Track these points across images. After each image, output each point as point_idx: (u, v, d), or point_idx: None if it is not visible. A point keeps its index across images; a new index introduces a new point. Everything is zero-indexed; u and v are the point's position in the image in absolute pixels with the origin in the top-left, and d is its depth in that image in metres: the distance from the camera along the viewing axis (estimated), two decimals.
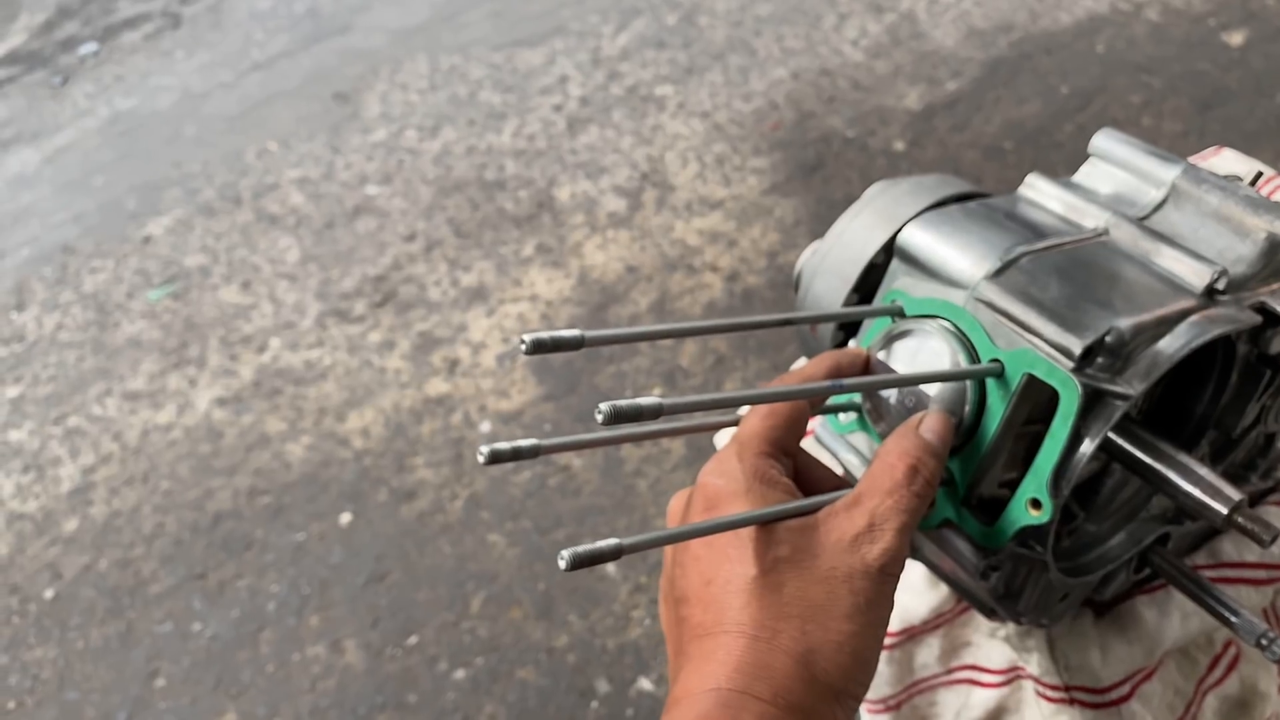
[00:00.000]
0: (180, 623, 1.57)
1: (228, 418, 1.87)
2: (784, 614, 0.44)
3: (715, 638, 0.44)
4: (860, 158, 2.22)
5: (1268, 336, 0.60)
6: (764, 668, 0.42)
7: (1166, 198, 0.63)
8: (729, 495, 0.47)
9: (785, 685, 0.42)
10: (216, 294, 2.14)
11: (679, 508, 0.52)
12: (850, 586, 0.44)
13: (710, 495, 0.48)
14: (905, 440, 0.49)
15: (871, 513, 0.46)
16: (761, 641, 0.43)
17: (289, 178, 2.42)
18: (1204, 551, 0.72)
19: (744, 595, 0.44)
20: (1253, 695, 0.79)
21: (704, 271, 2.02)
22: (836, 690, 0.43)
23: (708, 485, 0.48)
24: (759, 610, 0.44)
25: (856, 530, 0.45)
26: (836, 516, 0.46)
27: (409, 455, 1.75)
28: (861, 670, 0.45)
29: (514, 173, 2.33)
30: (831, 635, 0.43)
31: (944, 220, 0.61)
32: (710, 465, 0.49)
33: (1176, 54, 2.35)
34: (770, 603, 0.44)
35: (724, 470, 0.48)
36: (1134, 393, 0.51)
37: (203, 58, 2.92)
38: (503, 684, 1.43)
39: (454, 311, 2.00)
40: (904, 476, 0.47)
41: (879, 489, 0.47)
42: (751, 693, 0.41)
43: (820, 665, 0.43)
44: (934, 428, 0.50)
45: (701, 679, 0.43)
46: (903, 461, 0.48)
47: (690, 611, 0.46)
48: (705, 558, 0.46)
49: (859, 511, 0.46)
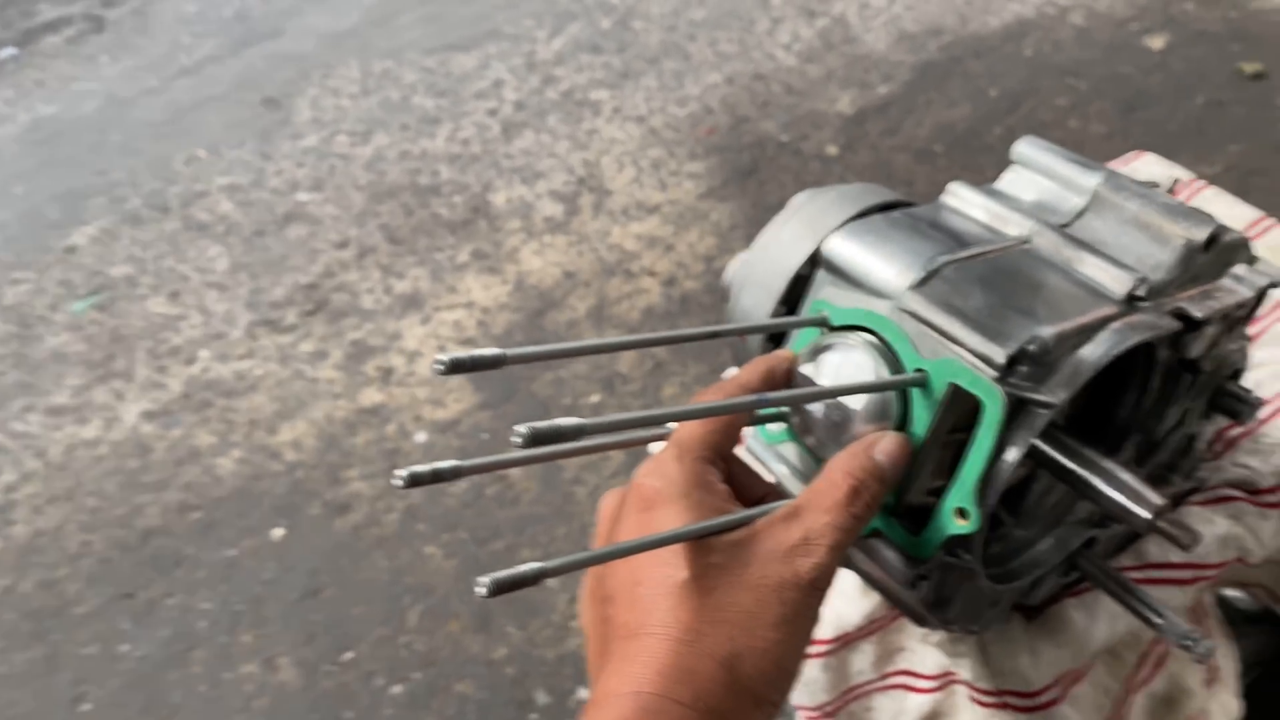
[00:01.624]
0: (107, 644, 1.52)
1: (156, 432, 1.83)
2: (712, 618, 0.43)
3: (640, 639, 0.44)
4: (794, 162, 2.23)
5: (1187, 341, 0.61)
6: (687, 671, 0.42)
7: (1088, 205, 0.63)
8: (666, 498, 0.47)
9: (707, 689, 0.42)
10: (144, 305, 2.09)
11: (612, 507, 0.51)
12: (780, 596, 0.44)
13: (646, 496, 0.47)
14: (854, 459, 0.49)
15: (808, 528, 0.46)
16: (686, 645, 0.43)
17: (218, 185, 2.37)
18: (1130, 553, 0.73)
19: (673, 598, 0.44)
20: (1179, 692, 0.80)
21: (642, 276, 2.02)
22: (758, 696, 0.43)
23: (644, 487, 0.48)
24: (687, 613, 0.43)
25: (791, 542, 0.45)
26: (773, 526, 0.46)
27: (343, 467, 1.72)
28: (784, 679, 0.45)
29: (448, 178, 2.30)
30: (757, 642, 0.43)
31: (868, 230, 0.61)
32: (647, 466, 0.49)
33: (1101, 57, 2.40)
34: (699, 606, 0.44)
35: (662, 473, 0.48)
36: (1057, 401, 0.51)
37: (127, 63, 2.85)
38: (441, 698, 1.41)
39: (388, 319, 1.97)
40: (845, 496, 0.47)
41: (819, 505, 0.47)
42: (672, 696, 0.41)
43: (744, 671, 0.43)
44: (889, 450, 0.50)
45: (623, 681, 0.42)
46: (847, 481, 0.48)
47: (617, 611, 0.46)
48: (637, 559, 0.46)
49: (796, 525, 0.46)
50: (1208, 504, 0.74)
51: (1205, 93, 2.27)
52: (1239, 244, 0.64)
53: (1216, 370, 0.66)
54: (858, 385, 0.52)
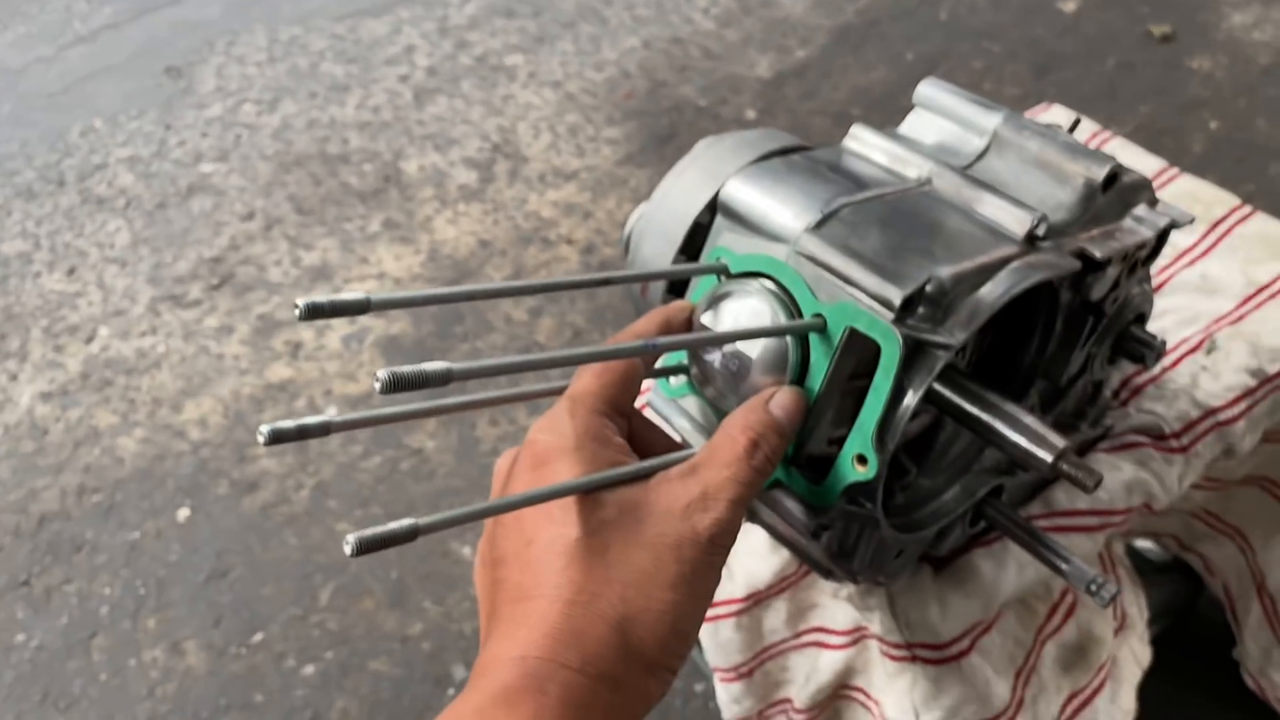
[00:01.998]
0: (2, 635, 1.45)
1: (53, 413, 1.75)
2: (605, 579, 0.41)
3: (531, 602, 0.41)
4: (713, 126, 2.21)
5: (1089, 283, 0.60)
6: (577, 634, 0.40)
7: (989, 146, 0.62)
8: (558, 452, 0.44)
9: (597, 652, 0.40)
10: (38, 281, 2.00)
11: (505, 466, 0.49)
12: (677, 555, 0.42)
13: (539, 452, 0.45)
14: (751, 414, 0.47)
15: (706, 482, 0.44)
16: (578, 607, 0.41)
17: (117, 157, 2.28)
18: (1038, 501, 0.73)
19: (564, 558, 0.42)
20: (1089, 641, 0.81)
21: (559, 244, 1.98)
22: (650, 661, 0.41)
23: (536, 442, 0.46)
24: (579, 574, 0.41)
25: (689, 498, 0.43)
26: (670, 483, 0.44)
27: (250, 445, 1.66)
28: (679, 643, 0.43)
29: (358, 146, 2.24)
30: (653, 604, 0.41)
31: (766, 174, 0.59)
32: (540, 422, 0.47)
33: (1014, 20, 2.42)
34: (591, 565, 0.41)
35: (554, 427, 0.46)
36: (955, 342, 0.49)
37: (18, 30, 2.72)
38: (354, 677, 1.37)
39: (296, 292, 1.91)
40: (744, 450, 0.45)
41: (718, 460, 0.45)
42: (560, 660, 0.39)
43: (637, 634, 0.41)
44: (784, 404, 0.48)
45: (510, 645, 0.40)
46: (744, 435, 0.46)
47: (508, 573, 0.43)
48: (528, 517, 0.44)
49: (694, 480, 0.44)
50: (1114, 450, 0.74)
51: (1116, 55, 2.30)
52: (1140, 184, 0.63)
53: (1120, 313, 0.65)
54: (753, 330, 0.51)
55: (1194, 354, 0.79)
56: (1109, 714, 0.83)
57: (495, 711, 0.38)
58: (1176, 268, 0.88)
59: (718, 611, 0.81)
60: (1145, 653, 0.89)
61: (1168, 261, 0.89)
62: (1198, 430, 0.74)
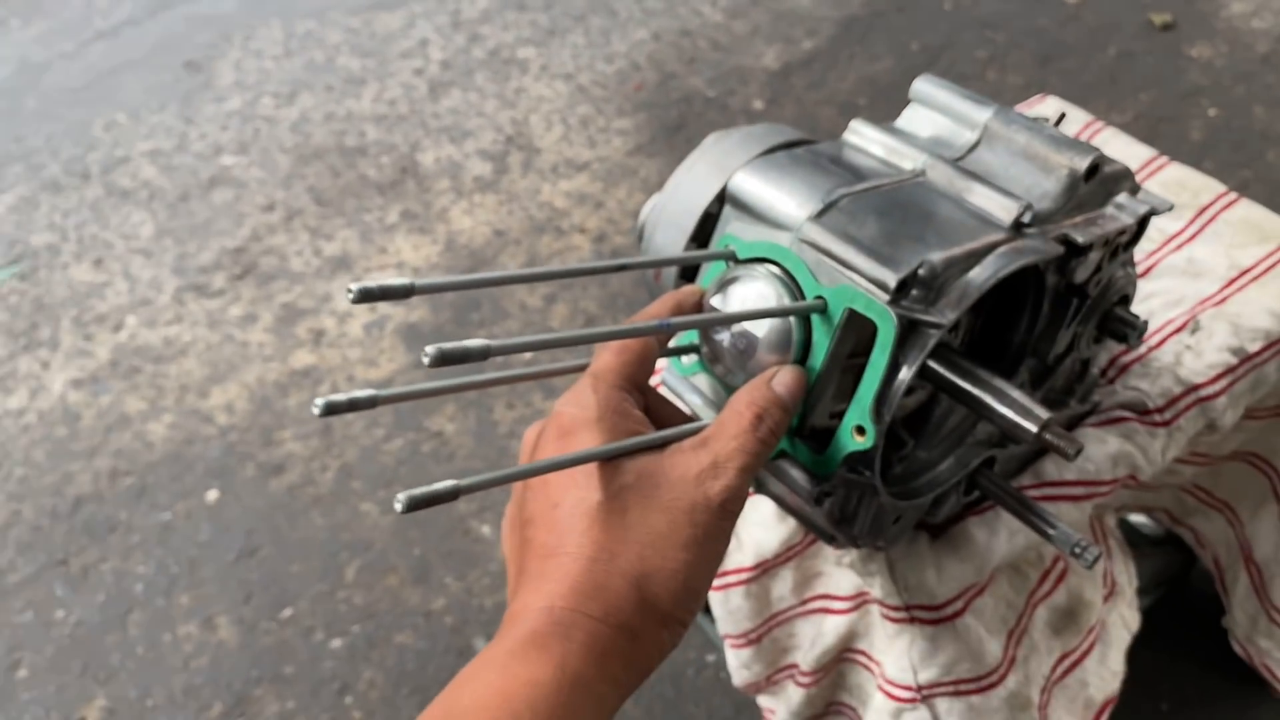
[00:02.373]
0: (42, 611, 1.51)
1: (84, 399, 1.81)
2: (624, 539, 0.46)
3: (557, 558, 0.46)
4: (721, 117, 2.25)
5: (1073, 266, 0.64)
6: (599, 588, 0.44)
7: (980, 139, 0.66)
8: (583, 423, 0.49)
9: (617, 605, 0.44)
10: (67, 273, 2.05)
11: (532, 439, 0.54)
12: (691, 518, 0.46)
13: (564, 424, 0.50)
14: (755, 391, 0.52)
15: (716, 452, 0.48)
16: (599, 564, 0.45)
17: (140, 150, 2.33)
18: (1029, 473, 0.77)
19: (587, 519, 0.46)
20: (1079, 605, 0.85)
21: (572, 234, 2.03)
22: (665, 614, 0.46)
23: (562, 414, 0.50)
24: (600, 533, 0.46)
25: (701, 467, 0.48)
26: (683, 453, 0.48)
27: (276, 429, 1.72)
28: (691, 599, 0.47)
29: (375, 138, 2.29)
30: (668, 563, 0.46)
31: (771, 166, 0.63)
32: (565, 396, 0.51)
33: (1018, 10, 2.45)
34: (612, 526, 0.46)
35: (579, 400, 0.50)
36: (946, 321, 0.54)
37: (40, 26, 2.77)
38: (380, 649, 1.43)
39: (317, 281, 1.97)
40: (750, 423, 0.50)
41: (726, 432, 0.49)
42: (584, 610, 0.44)
43: (653, 590, 0.45)
44: (785, 381, 0.53)
45: (538, 596, 0.45)
46: (750, 410, 0.50)
47: (535, 533, 0.48)
48: (554, 482, 0.48)
49: (705, 451, 0.48)
50: (1101, 425, 0.78)
51: (1118, 44, 2.33)
52: (1121, 174, 0.67)
53: (1103, 295, 0.70)
54: (760, 311, 0.55)
55: (1179, 334, 0.83)
56: (1098, 674, 0.87)
57: (526, 653, 0.42)
58: (1164, 252, 0.93)
59: (728, 580, 0.86)
60: (1134, 618, 0.93)
61: (1155, 246, 0.93)
62: (1180, 405, 0.78)
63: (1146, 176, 0.98)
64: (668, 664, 1.38)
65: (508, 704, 0.40)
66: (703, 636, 1.39)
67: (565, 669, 0.41)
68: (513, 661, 0.42)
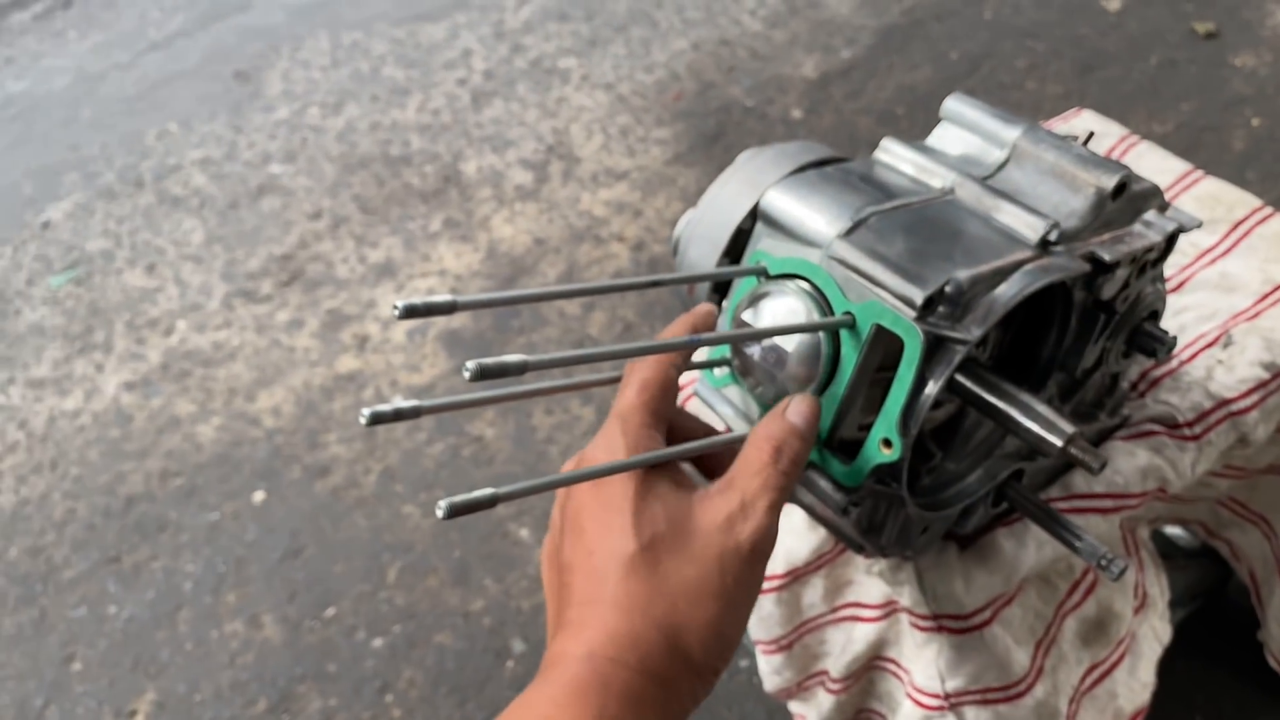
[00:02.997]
0: (95, 606, 1.56)
1: (136, 401, 1.86)
2: (658, 589, 0.47)
3: (594, 606, 0.47)
4: (760, 126, 2.27)
5: (1100, 283, 0.65)
6: (635, 638, 0.46)
7: (1009, 157, 0.68)
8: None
9: (651, 654, 0.46)
10: (120, 278, 2.11)
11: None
12: (721, 566, 0.48)
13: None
14: (771, 424, 0.53)
15: (743, 492, 0.49)
16: (636, 614, 0.46)
17: (191, 159, 2.39)
18: (1057, 485, 0.78)
19: (623, 569, 0.48)
20: (1109, 616, 0.86)
21: (611, 242, 2.05)
22: (698, 665, 0.47)
23: (596, 460, 0.52)
24: (635, 584, 0.47)
25: (730, 510, 0.49)
26: (711, 499, 0.50)
27: (321, 432, 1.75)
28: (724, 648, 0.48)
29: (419, 148, 2.33)
30: (699, 613, 0.47)
31: (802, 184, 0.65)
32: (596, 440, 0.53)
33: (1058, 19, 2.44)
34: (646, 577, 0.47)
35: (609, 446, 0.52)
36: (971, 337, 0.55)
37: (96, 38, 2.85)
38: (420, 649, 1.46)
39: (362, 288, 2.01)
40: (770, 457, 0.51)
41: (748, 471, 0.50)
42: (621, 660, 0.45)
43: (686, 641, 0.47)
44: (800, 410, 0.54)
45: (577, 643, 0.46)
46: (769, 444, 0.51)
47: (573, 579, 0.50)
48: (590, 530, 0.50)
49: (732, 493, 0.50)
50: (1131, 439, 0.79)
51: (1159, 52, 2.32)
52: (1150, 192, 0.68)
53: (1132, 311, 0.70)
54: (791, 326, 0.57)
55: (1211, 348, 0.84)
56: (1128, 685, 0.88)
57: (568, 701, 0.44)
58: (1198, 266, 0.93)
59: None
60: (1166, 631, 0.94)
61: (1189, 260, 0.93)
62: (1210, 420, 0.79)
63: (1181, 190, 0.99)
64: None
65: None
66: None
67: (604, 718, 0.43)
68: (555, 710, 0.43)
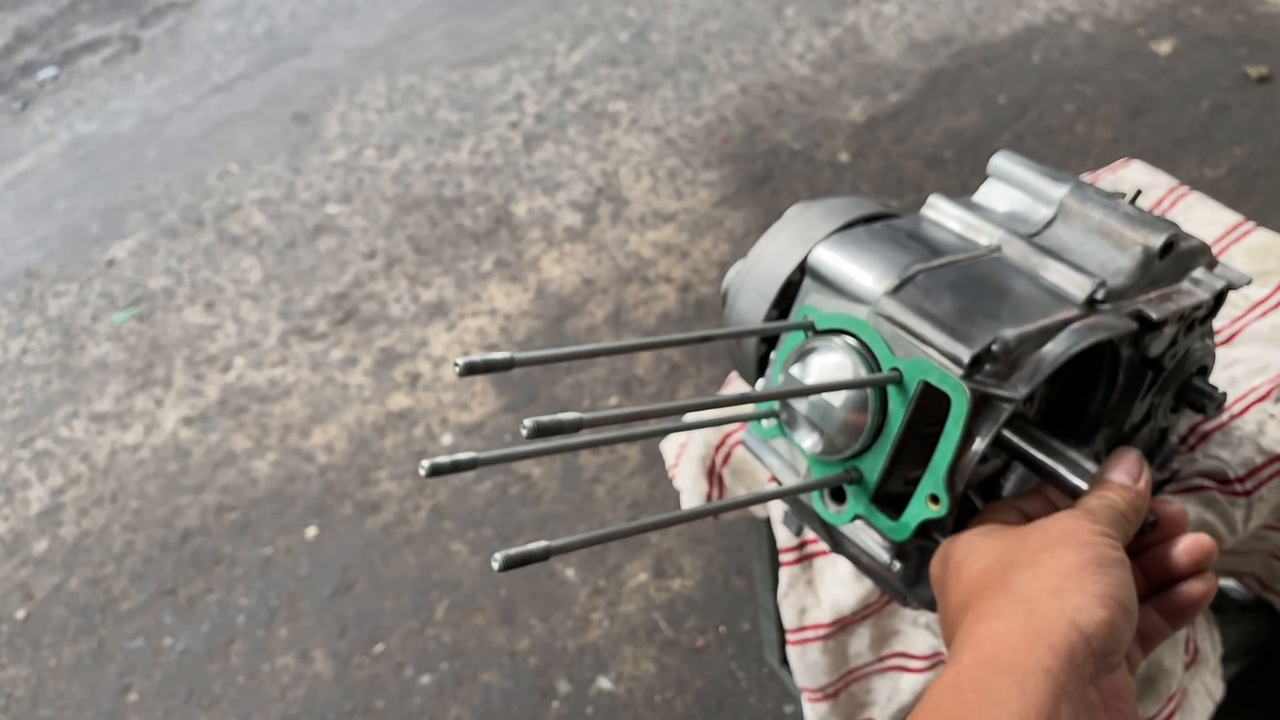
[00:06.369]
0: (151, 638, 1.60)
1: (194, 436, 1.90)
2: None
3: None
4: (807, 169, 2.29)
5: (1147, 341, 0.66)
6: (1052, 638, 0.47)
7: (1056, 215, 0.68)
8: None
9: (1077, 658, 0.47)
10: (181, 315, 2.17)
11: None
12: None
13: None
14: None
15: None
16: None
17: (250, 198, 2.45)
18: None
19: None
20: (1159, 672, 0.85)
21: (658, 283, 2.07)
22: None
23: None
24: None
25: None
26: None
27: (372, 469, 1.79)
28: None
29: (472, 189, 2.37)
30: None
31: (850, 241, 0.66)
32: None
33: (1108, 63, 2.44)
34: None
35: None
36: (1018, 395, 0.56)
37: (162, 81, 2.94)
38: (467, 687, 1.47)
39: (415, 327, 2.04)
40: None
41: None
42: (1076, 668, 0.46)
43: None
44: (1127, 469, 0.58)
45: (1029, 655, 0.46)
46: None
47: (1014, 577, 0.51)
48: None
49: None
50: (1181, 493, 0.79)
51: (1211, 96, 2.31)
52: (1198, 250, 0.69)
53: (1180, 367, 0.71)
54: (840, 383, 0.58)
55: (1262, 402, 0.83)
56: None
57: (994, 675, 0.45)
58: (1249, 319, 0.93)
59: (805, 635, 0.88)
60: (1218, 687, 0.93)
61: (1240, 313, 0.93)
62: (1262, 475, 0.79)
63: (1232, 243, 0.99)
64: (746, 714, 1.40)
65: None
66: (781, 687, 1.40)
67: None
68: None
